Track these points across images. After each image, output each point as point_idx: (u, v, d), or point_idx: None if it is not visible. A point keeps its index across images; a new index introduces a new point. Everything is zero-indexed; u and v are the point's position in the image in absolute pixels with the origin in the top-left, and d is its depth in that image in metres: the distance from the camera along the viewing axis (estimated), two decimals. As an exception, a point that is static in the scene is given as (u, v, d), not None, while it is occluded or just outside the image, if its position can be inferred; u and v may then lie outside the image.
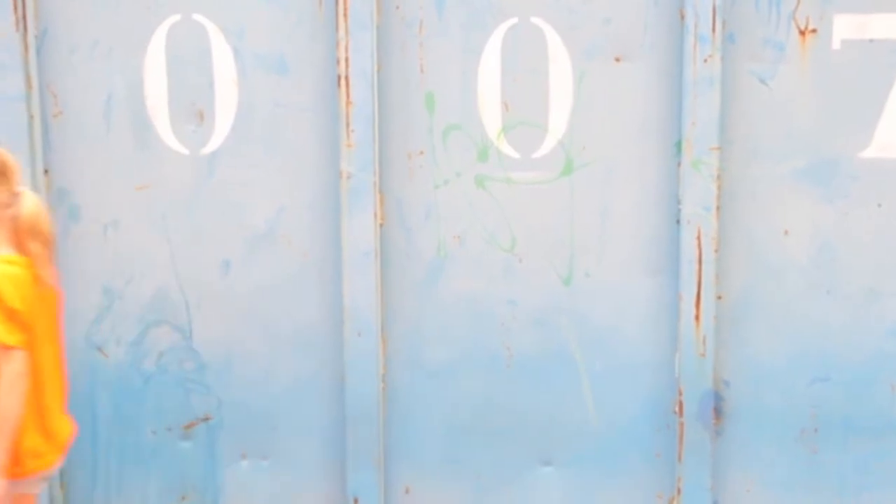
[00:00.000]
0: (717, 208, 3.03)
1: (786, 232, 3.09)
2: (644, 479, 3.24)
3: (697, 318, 3.07)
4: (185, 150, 3.18)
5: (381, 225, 3.14)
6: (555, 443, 3.27)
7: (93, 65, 3.12)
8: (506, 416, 3.27)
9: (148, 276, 3.24)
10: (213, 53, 3.12)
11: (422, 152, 3.13)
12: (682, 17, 2.96)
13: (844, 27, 3.01)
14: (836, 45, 3.01)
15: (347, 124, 3.04)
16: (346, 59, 3.02)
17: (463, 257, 3.19)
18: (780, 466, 3.21)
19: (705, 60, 2.95)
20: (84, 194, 3.20)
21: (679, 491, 3.18)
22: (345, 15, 2.99)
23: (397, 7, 3.04)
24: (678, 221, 3.06)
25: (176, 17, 3.11)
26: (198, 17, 3.10)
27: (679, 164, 3.03)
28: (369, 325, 3.16)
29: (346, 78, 3.03)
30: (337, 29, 3.02)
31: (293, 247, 3.20)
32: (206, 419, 3.32)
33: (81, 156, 3.17)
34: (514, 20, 3.04)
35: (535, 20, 3.04)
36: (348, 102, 3.03)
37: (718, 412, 3.17)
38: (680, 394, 3.13)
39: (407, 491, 3.31)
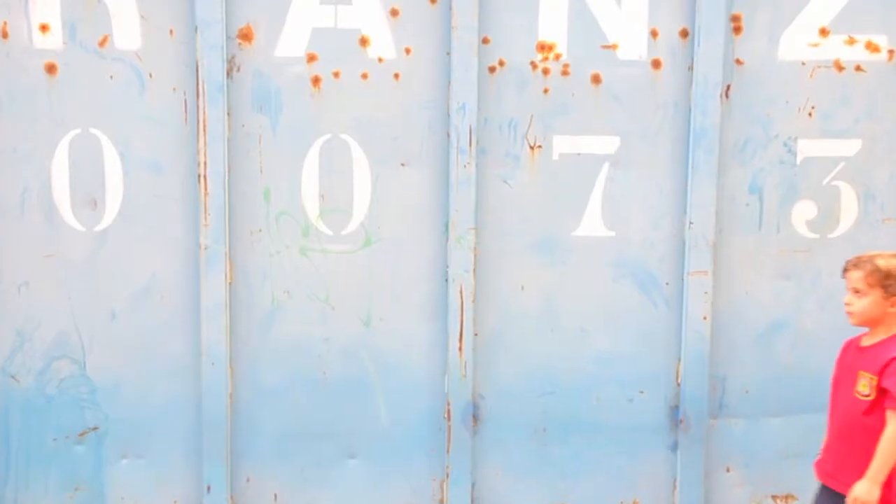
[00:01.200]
0: (474, 271, 3.66)
1: (522, 288, 3.73)
2: (423, 467, 3.79)
3: (461, 350, 3.69)
4: (82, 228, 3.61)
5: (230, 284, 3.64)
6: (358, 442, 3.77)
7: (13, 165, 3.56)
8: (322, 424, 3.75)
9: (52, 322, 3.66)
10: (104, 157, 3.58)
11: (260, 230, 3.66)
12: (448, 136, 3.61)
13: (561, 144, 3.69)
14: (555, 156, 3.69)
15: (205, 210, 3.57)
16: (205, 163, 3.56)
17: (290, 307, 3.69)
18: (520, 456, 3.80)
19: (465, 166, 3.62)
20: (3, 261, 3.61)
21: (448, 475, 3.75)
22: (204, 130, 3.54)
23: (242, 125, 3.60)
24: (446, 280, 3.67)
25: (77, 130, 3.57)
26: (94, 130, 3.57)
27: (447, 239, 3.66)
28: (220, 358, 3.64)
29: (205, 176, 3.56)
30: (198, 140, 3.55)
31: (164, 300, 3.67)
32: (95, 429, 3.72)
33: (2, 232, 3.59)
34: (328, 136, 3.63)
35: (344, 136, 3.63)
36: (206, 194, 3.57)
37: (476, 417, 3.75)
38: (448, 404, 3.72)
39: (248, 480, 3.77)
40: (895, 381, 3.00)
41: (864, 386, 3.07)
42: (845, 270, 3.15)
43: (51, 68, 3.59)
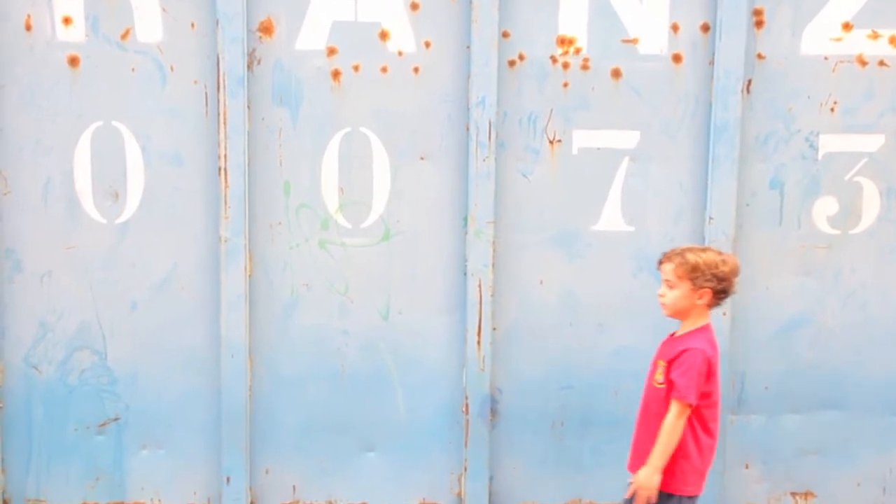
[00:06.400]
0: (493, 265, 3.67)
1: (541, 282, 3.74)
2: (441, 460, 3.81)
3: (479, 344, 3.70)
4: (103, 220, 3.66)
5: (250, 276, 3.67)
6: (377, 435, 3.80)
7: (36, 157, 3.60)
8: (340, 416, 3.78)
9: (74, 313, 3.70)
10: (126, 150, 3.62)
11: (280, 223, 3.69)
12: (468, 130, 3.62)
13: (580, 138, 3.69)
14: (574, 151, 3.69)
15: (225, 202, 3.60)
16: (225, 156, 3.59)
17: (309, 299, 3.72)
18: (537, 450, 3.82)
19: (484, 160, 3.62)
20: (26, 252, 3.66)
21: (465, 469, 3.77)
22: (224, 123, 3.57)
23: (263, 118, 3.62)
24: (465, 274, 3.69)
25: (99, 123, 3.60)
26: (115, 123, 3.61)
27: (466, 233, 3.67)
28: (240, 349, 3.67)
29: (225, 169, 3.59)
30: (218, 133, 3.58)
31: (184, 292, 3.71)
32: (116, 419, 3.77)
33: (25, 224, 3.64)
34: (348, 129, 3.64)
35: (364, 129, 3.65)
36: (226, 186, 3.60)
37: (493, 411, 3.77)
38: (466, 398, 3.74)
39: (267, 472, 3.81)
40: (681, 372, 3.09)
41: (660, 374, 3.19)
42: (660, 263, 3.24)
43: (73, 61, 3.61)
